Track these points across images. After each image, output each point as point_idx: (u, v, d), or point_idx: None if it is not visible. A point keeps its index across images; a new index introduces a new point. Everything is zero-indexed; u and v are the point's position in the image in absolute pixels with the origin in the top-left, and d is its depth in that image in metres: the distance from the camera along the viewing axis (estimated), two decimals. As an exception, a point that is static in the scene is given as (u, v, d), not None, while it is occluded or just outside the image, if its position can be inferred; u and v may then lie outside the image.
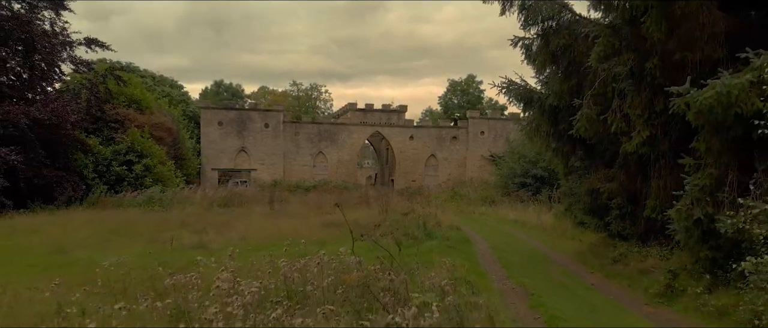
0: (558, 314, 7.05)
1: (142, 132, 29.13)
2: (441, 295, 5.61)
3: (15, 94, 21.94)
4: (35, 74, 23.28)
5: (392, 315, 4.34)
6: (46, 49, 23.03)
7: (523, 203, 26.15)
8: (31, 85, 22.88)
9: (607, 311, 7.47)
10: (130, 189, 26.65)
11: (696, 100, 6.67)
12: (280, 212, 22.85)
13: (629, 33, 8.21)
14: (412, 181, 43.10)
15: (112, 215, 19.54)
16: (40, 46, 22.73)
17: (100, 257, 11.44)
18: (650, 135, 8.50)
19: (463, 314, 5.03)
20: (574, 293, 8.80)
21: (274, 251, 7.94)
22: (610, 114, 9.02)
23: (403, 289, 5.43)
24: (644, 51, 8.20)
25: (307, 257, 6.45)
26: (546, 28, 9.85)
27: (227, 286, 4.90)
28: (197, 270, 6.06)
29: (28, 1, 23.71)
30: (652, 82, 8.18)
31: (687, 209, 7.41)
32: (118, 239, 14.21)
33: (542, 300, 7.82)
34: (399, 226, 13.87)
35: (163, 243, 13.23)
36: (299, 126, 42.69)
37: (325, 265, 6.06)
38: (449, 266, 7.40)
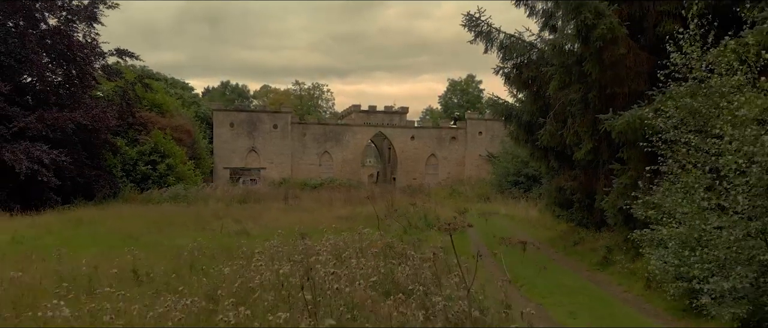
0: (520, 275, 10.16)
1: (164, 134, 32.26)
2: (434, 258, 8.71)
3: (59, 101, 25.00)
4: (74, 83, 26.35)
5: (405, 264, 7.43)
6: (83, 60, 26.10)
7: (515, 200, 29.27)
8: (71, 93, 25.95)
9: (555, 275, 10.61)
10: (157, 187, 29.79)
11: (613, 125, 9.79)
12: (295, 208, 25.97)
13: (577, 71, 11.32)
14: (413, 179, 46.22)
15: (150, 209, 22.64)
16: (78, 57, 25.80)
17: (168, 241, 14.52)
18: (593, 147, 11.62)
19: (449, 266, 8.12)
20: (537, 264, 11.92)
21: (310, 234, 10.96)
22: (566, 130, 12.16)
23: (410, 252, 8.53)
24: (588, 85, 11.31)
25: (344, 234, 9.55)
26: (519, 63, 12.97)
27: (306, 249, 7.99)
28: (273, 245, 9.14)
29: (65, 16, 26.77)
30: (594, 107, 11.29)
31: (614, 201, 10.55)
32: (169, 228, 17.28)
33: (511, 267, 10.92)
34: (404, 218, 16.97)
35: (211, 231, 16.33)
36: (306, 127, 45.80)
37: (359, 238, 9.16)
38: (442, 242, 10.49)
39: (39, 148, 22.17)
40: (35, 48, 24.34)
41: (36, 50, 24.35)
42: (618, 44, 10.32)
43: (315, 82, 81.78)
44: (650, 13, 11.02)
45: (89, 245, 13.31)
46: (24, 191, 22.13)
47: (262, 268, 6.31)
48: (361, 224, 12.61)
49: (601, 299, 8.82)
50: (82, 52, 26.06)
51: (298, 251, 7.84)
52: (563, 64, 11.39)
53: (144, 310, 4.83)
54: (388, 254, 8.04)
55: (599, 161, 12.15)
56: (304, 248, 7.96)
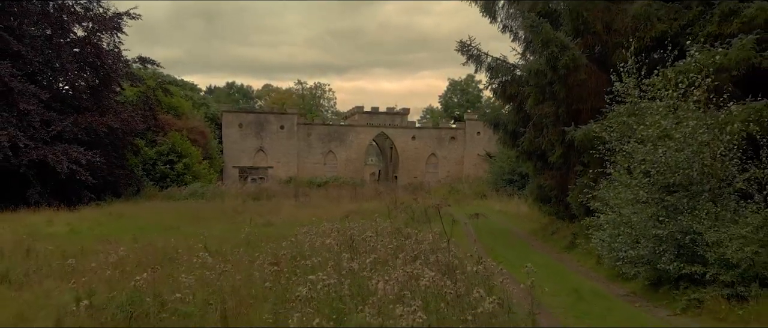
0: (501, 255, 13.00)
1: (181, 135, 35.12)
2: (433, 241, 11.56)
3: (89, 106, 27.80)
4: (101, 88, 29.15)
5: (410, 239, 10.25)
6: (110, 67, 28.90)
7: (510, 197, 32.12)
8: (99, 98, 28.75)
9: (527, 253, 13.49)
10: (176, 185, 32.66)
11: (574, 136, 12.64)
12: (305, 204, 28.81)
13: (549, 91, 14.18)
14: (414, 177, 49.07)
15: (176, 205, 25.50)
16: (105, 65, 28.60)
17: (206, 231, 17.26)
18: (563, 152, 14.47)
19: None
20: (517, 248, 14.79)
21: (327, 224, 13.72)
22: (542, 138, 15.02)
23: (414, 234, 11.36)
24: (558, 102, 14.16)
25: (362, 221, 12.37)
26: (503, 81, 15.82)
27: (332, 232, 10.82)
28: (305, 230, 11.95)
29: (91, 27, 29.55)
30: (562, 120, 14.14)
31: (576, 197, 13.40)
32: (200, 220, 20.11)
33: (495, 250, 13.78)
34: (407, 211, 19.81)
35: (239, 222, 19.14)
36: (311, 128, 48.66)
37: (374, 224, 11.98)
38: (439, 230, 13.31)
39: (76, 149, 24.99)
40: (68, 57, 27.17)
41: (69, 60, 27.18)
42: (579, 71, 13.18)
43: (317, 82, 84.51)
44: (608, 44, 13.86)
45: (140, 234, 16.13)
46: (63, 188, 24.97)
47: (310, 241, 9.15)
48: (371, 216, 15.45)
49: (557, 269, 11.69)
50: (109, 60, 28.87)
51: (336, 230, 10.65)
52: (538, 84, 14.24)
53: (249, 264, 7.64)
54: (398, 235, 10.87)
55: (569, 164, 14.99)
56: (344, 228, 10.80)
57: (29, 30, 26.99)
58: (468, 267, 7.36)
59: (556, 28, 14.12)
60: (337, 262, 7.44)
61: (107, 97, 29.24)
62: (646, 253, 8.99)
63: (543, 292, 9.45)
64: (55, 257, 10.23)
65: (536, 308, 5.71)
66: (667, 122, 9.05)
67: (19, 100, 24.04)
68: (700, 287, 8.27)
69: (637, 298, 9.24)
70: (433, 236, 9.94)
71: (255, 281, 6.95)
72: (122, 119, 27.32)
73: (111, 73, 29.07)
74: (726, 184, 8.77)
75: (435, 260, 7.32)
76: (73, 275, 7.88)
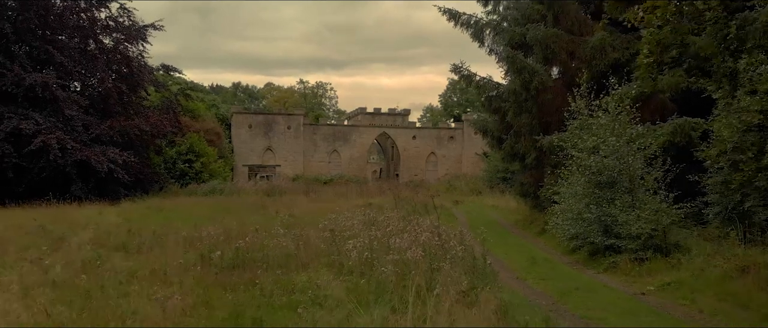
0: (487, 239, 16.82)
1: (198, 136, 38.97)
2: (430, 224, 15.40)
3: (121, 110, 31.63)
4: (130, 94, 32.98)
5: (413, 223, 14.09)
6: (138, 75, 32.73)
7: (502, 193, 35.97)
8: (128, 103, 32.58)
9: (507, 238, 17.36)
10: (196, 182, 36.53)
11: (542, 143, 16.49)
12: (317, 200, 32.63)
13: (525, 106, 18.03)
14: (415, 175, 52.93)
15: (203, 200, 29.30)
16: (134, 73, 32.43)
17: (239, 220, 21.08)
18: (537, 155, 18.34)
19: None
20: (501, 235, 18.65)
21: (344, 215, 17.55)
22: (520, 143, 18.88)
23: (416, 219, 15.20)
24: (531, 115, 18.03)
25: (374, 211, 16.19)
26: (489, 96, 19.65)
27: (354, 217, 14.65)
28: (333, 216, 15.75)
29: (119, 37, 33.33)
30: (535, 130, 17.99)
31: (545, 192, 17.26)
32: (232, 213, 23.86)
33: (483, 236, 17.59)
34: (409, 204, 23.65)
35: (268, 214, 22.90)
36: (317, 128, 52.52)
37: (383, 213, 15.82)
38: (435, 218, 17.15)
39: (112, 150, 28.82)
40: (101, 66, 30.99)
41: (102, 68, 31.01)
42: (547, 91, 17.05)
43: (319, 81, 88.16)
44: (571, 69, 17.70)
45: (192, 222, 19.92)
46: (102, 185, 28.81)
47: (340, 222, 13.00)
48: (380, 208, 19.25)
49: (525, 247, 15.57)
50: (136, 68, 32.69)
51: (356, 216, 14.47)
52: (516, 101, 18.09)
53: (306, 234, 11.46)
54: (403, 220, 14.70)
55: (541, 165, 18.84)
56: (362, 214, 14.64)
57: (68, 42, 30.77)
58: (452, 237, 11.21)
59: (529, 55, 18.01)
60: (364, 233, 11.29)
61: (136, 102, 33.09)
62: (582, 231, 12.87)
63: (510, 260, 13.41)
64: (146, 235, 14.04)
65: (488, 256, 9.55)
66: (597, 138, 12.91)
67: (64, 107, 27.88)
68: (617, 254, 12.14)
69: (578, 264, 13.11)
70: (430, 221, 13.77)
71: (316, 242, 10.79)
72: (152, 123, 31.16)
73: (138, 79, 32.92)
74: (639, 182, 12.63)
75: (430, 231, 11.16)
76: (180, 245, 11.71)
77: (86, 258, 10.15)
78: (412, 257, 8.45)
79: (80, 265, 9.70)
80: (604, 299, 9.63)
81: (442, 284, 6.64)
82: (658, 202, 11.94)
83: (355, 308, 5.96)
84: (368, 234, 10.90)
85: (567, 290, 10.29)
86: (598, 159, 12.80)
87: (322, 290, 7.04)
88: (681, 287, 10.14)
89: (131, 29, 32.94)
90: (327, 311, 6.08)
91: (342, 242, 10.17)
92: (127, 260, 10.72)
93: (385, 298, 6.41)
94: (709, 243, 11.79)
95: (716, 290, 9.66)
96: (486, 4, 21.12)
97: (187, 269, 9.03)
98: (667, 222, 11.73)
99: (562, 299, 9.61)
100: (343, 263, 8.87)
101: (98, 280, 8.25)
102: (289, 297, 7.23)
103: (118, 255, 11.45)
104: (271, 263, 9.38)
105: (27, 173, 27.25)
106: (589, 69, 15.24)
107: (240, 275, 8.60)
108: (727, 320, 8.31)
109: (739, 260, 10.31)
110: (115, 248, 12.49)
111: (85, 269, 9.18)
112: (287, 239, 10.86)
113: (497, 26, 19.08)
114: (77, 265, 9.65)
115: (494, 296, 6.67)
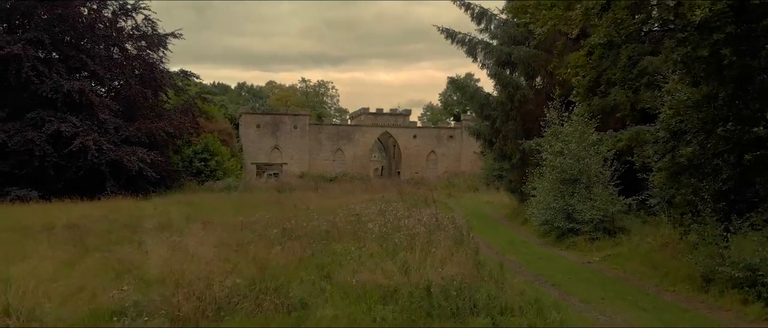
0: (475, 226, 20.61)
1: (213, 136, 42.71)
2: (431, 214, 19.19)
3: (146, 113, 35.35)
4: (154, 98, 36.71)
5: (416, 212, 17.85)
6: (160, 80, 36.46)
7: (497, 190, 39.76)
8: (153, 106, 36.31)
9: (495, 227, 21.16)
10: (211, 180, 40.28)
11: (524, 147, 20.28)
12: (325, 195, 36.37)
13: (510, 115, 21.80)
14: (415, 173, 56.72)
15: (222, 196, 33.04)
16: (157, 77, 36.16)
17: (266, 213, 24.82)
18: (520, 157, 22.12)
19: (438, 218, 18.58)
20: (491, 224, 22.44)
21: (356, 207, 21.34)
22: (507, 146, 22.66)
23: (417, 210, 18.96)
24: (516, 122, 21.80)
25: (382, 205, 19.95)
26: (481, 104, 23.39)
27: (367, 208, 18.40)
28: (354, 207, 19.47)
29: (142, 45, 37.03)
30: (519, 135, 21.76)
31: (527, 188, 21.03)
32: (253, 207, 27.58)
33: (471, 223, 21.39)
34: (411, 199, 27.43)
35: (285, 208, 26.60)
36: (321, 127, 56.29)
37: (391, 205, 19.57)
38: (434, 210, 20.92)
39: (141, 151, 32.56)
40: (130, 73, 34.73)
41: (130, 74, 34.75)
42: (528, 103, 20.82)
43: (320, 80, 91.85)
44: (550, 83, 21.45)
45: (222, 214, 23.61)
46: (131, 182, 32.54)
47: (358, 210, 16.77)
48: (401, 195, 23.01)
49: (508, 233, 19.38)
50: (158, 73, 36.42)
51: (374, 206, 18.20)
52: (503, 110, 21.87)
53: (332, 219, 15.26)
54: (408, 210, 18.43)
55: (524, 165, 22.62)
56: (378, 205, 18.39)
57: (97, 50, 34.46)
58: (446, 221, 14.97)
59: (514, 71, 21.78)
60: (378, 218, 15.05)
61: (158, 105, 36.85)
62: (550, 218, 16.67)
63: (494, 242, 17.22)
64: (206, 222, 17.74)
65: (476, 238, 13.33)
66: (562, 144, 16.69)
67: (98, 111, 31.62)
68: (576, 235, 15.92)
69: (547, 244, 16.88)
70: (430, 210, 17.52)
71: (343, 224, 14.56)
72: (175, 125, 34.91)
73: (160, 84, 36.67)
74: (595, 179, 16.40)
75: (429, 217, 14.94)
76: (238, 227, 15.45)
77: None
78: (416, 232, 12.23)
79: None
80: (557, 265, 13.44)
81: (436, 246, 10.40)
82: (608, 195, 15.72)
83: (385, 256, 9.72)
84: (382, 219, 14.68)
85: (532, 259, 14.11)
86: (563, 160, 16.58)
87: (357, 251, 10.74)
88: (618, 257, 13.94)
89: (154, 37, 36.66)
90: (366, 257, 9.84)
91: (363, 224, 13.93)
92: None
93: (400, 254, 10.15)
94: (648, 226, 15.57)
95: (642, 260, 13.42)
96: (479, 23, 24.82)
97: (254, 242, 12.77)
98: (614, 210, 15.52)
99: (527, 265, 13.42)
100: (366, 237, 12.60)
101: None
102: (333, 257, 10.96)
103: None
104: (314, 238, 13.13)
105: (65, 171, 30.96)
106: (561, 86, 18.93)
107: (293, 246, 12.32)
108: (637, 276, 12.10)
109: (663, 239, 14.08)
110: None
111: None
112: (319, 222, 14.59)
113: (487, 46, 22.80)
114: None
115: (471, 254, 10.41)
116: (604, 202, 15.53)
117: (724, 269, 9.76)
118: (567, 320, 7.52)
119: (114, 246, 11.48)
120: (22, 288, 7.17)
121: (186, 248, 9.40)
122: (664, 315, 8.89)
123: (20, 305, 6.66)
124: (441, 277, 8.38)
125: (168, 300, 6.84)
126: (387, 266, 9.34)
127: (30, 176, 30.05)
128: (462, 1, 23.58)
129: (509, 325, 7.07)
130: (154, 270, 7.75)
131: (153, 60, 36.56)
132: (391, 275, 8.68)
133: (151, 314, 6.64)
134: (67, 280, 7.77)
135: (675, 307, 9.54)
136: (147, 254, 9.13)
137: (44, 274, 8.06)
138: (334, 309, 7.22)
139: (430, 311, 7.36)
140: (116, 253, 10.10)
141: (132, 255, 9.49)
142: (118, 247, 11.41)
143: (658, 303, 9.76)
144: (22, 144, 29.49)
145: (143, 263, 8.64)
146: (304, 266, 9.73)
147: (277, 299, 7.23)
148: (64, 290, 7.24)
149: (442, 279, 8.25)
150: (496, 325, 7.06)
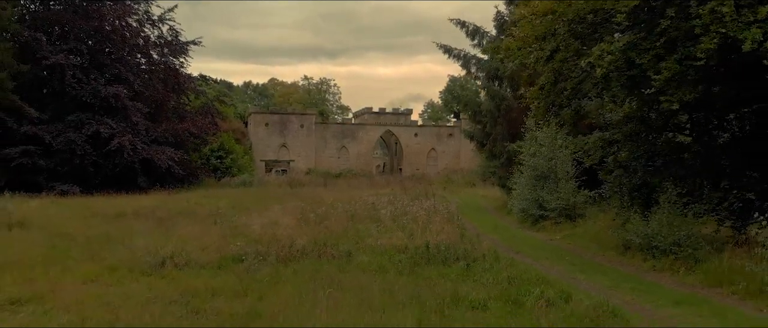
0: (468, 215, 25.42)
1: (228, 135, 47.53)
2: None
3: (170, 116, 40.13)
4: (176, 101, 41.49)
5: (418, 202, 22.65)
6: (182, 84, 41.24)
7: (492, 186, 44.55)
8: (176, 109, 41.09)
9: (487, 217, 26.00)
10: (229, 176, 45.12)
11: (509, 148, 25.09)
12: (334, 190, 41.12)
13: (498, 121, 26.63)
14: (416, 169, 61.57)
15: (241, 191, 37.81)
16: (181, 82, 40.93)
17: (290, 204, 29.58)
18: (507, 156, 26.94)
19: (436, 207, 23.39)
20: (481, 214, 27.26)
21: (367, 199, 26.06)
22: (496, 147, 27.49)
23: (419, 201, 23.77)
24: (503, 127, 26.62)
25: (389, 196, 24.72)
26: (474, 111, 28.18)
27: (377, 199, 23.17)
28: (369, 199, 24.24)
29: (164, 51, 41.77)
30: (506, 138, 26.58)
31: (512, 183, 25.85)
32: (271, 200, 32.31)
33: (464, 213, 26.20)
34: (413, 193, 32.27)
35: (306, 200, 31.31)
36: (327, 126, 61.12)
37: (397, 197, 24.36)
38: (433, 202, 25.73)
39: (169, 150, 37.35)
40: (156, 78, 39.52)
41: (157, 79, 39.55)
42: (513, 111, 25.63)
43: (322, 78, 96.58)
44: (531, 94, 26.23)
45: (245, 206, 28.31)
46: (160, 178, 37.34)
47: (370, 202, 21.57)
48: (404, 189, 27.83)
49: (494, 221, 24.22)
50: (181, 78, 41.21)
51: (383, 198, 22.97)
52: (491, 116, 26.68)
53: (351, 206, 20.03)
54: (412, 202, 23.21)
55: (510, 164, 27.42)
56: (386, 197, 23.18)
57: (127, 58, 39.24)
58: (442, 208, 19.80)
59: (502, 83, 26.59)
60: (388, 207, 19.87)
61: (180, 107, 41.67)
62: (526, 207, 21.51)
63: (481, 226, 22.09)
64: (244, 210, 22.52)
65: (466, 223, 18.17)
66: (536, 147, 21.52)
67: (131, 114, 36.41)
68: (544, 220, 20.75)
69: (524, 228, 21.70)
70: (429, 202, 22.36)
71: (360, 211, 19.36)
72: (198, 126, 39.73)
73: (183, 88, 41.47)
74: (562, 175, 21.21)
75: (429, 205, 19.75)
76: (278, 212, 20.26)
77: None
78: (419, 216, 17.06)
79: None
80: (526, 242, 18.30)
81: (433, 223, 15.24)
82: (570, 188, 20.56)
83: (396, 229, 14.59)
84: (392, 207, 19.54)
85: (508, 238, 18.98)
86: (536, 160, 21.41)
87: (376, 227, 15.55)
88: (573, 236, 18.77)
89: (176, 46, 41.43)
90: (384, 230, 14.67)
91: (377, 211, 18.76)
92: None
93: (407, 228, 14.98)
94: (602, 213, 20.38)
95: (592, 237, 18.22)
96: (473, 39, 29.57)
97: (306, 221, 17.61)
98: (575, 200, 20.36)
99: (502, 241, 18.26)
100: (381, 220, 17.39)
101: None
102: (360, 231, 15.77)
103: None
104: (341, 220, 17.94)
105: (102, 168, 35.77)
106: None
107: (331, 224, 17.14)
108: (583, 249, 16.93)
109: (608, 222, 18.91)
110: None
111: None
112: (342, 210, 19.42)
113: (479, 61, 27.58)
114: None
115: (458, 228, 15.21)
116: (567, 194, 20.35)
117: (633, 238, 14.58)
118: (514, 264, 12.34)
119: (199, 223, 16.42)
120: (173, 245, 11.99)
121: (274, 220, 14.23)
122: (584, 267, 13.71)
123: (179, 252, 11.47)
124: (435, 241, 13.22)
125: (267, 250, 11.65)
126: (398, 235, 14.19)
127: (71, 173, 34.84)
128: (457, 20, 28.38)
129: (476, 266, 11.89)
130: (257, 233, 12.55)
131: (175, 65, 41.32)
132: (401, 240, 13.53)
133: (258, 258, 11.45)
134: (199, 240, 12.59)
135: (596, 264, 14.38)
136: (246, 225, 13.96)
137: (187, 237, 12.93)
138: (368, 257, 12.05)
139: (428, 259, 12.18)
140: (220, 225, 14.96)
141: (233, 226, 14.31)
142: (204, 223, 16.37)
143: (585, 261, 14.61)
144: (65, 144, 34.26)
145: (246, 229, 13.45)
146: (344, 235, 14.56)
147: (333, 250, 12.03)
148: (200, 246, 12.05)
149: (436, 242, 13.09)
150: (469, 266, 11.87)
